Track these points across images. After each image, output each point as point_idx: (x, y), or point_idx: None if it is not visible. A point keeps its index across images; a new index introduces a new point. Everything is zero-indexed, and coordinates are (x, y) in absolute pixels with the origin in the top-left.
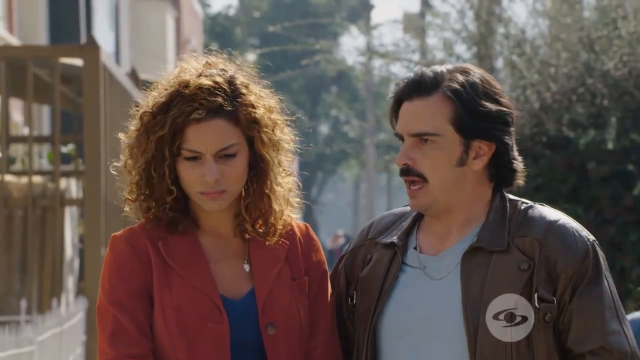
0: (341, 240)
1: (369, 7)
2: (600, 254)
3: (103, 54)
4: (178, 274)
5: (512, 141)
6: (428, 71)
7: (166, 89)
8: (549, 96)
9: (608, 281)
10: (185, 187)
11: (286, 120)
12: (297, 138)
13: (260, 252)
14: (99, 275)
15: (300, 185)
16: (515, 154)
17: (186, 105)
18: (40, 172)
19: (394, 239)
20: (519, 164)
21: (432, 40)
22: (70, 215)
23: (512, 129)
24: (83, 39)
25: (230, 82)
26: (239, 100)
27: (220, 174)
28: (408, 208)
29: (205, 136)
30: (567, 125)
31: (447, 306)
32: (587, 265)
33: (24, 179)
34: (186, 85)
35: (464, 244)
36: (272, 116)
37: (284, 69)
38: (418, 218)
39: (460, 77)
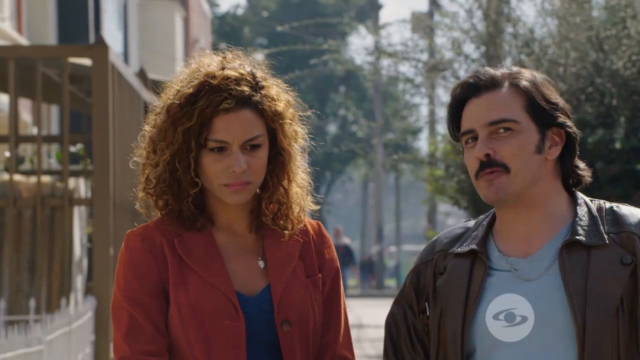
0: (344, 238)
1: (377, 7)
2: None
3: (112, 53)
4: (195, 272)
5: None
6: (487, 70)
7: (191, 82)
8: None
9: None
10: (207, 180)
11: (300, 116)
12: (308, 136)
13: (275, 249)
14: (107, 275)
15: (312, 182)
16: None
17: (215, 95)
18: (49, 172)
19: (472, 246)
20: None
21: (440, 39)
22: (79, 215)
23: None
24: (92, 38)
25: (252, 74)
26: (262, 92)
27: (247, 165)
28: (471, 223)
29: (234, 126)
30: (575, 124)
31: (549, 303)
32: None
33: (33, 179)
34: (212, 76)
35: (555, 243)
36: (291, 110)
37: (292, 69)
38: (490, 226)
39: (525, 73)
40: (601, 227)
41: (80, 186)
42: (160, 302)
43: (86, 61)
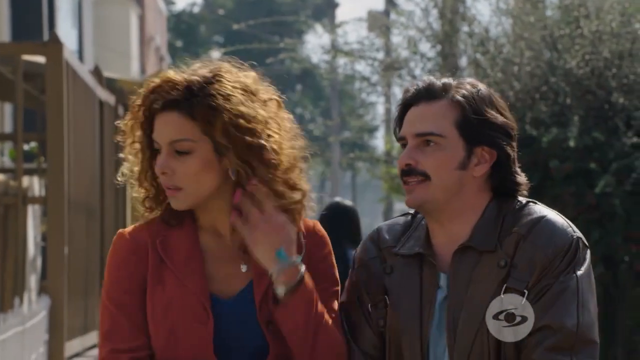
0: None
1: (333, 5)
2: (583, 251)
3: (66, 51)
4: (172, 272)
5: (513, 154)
6: (437, 80)
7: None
8: (512, 95)
9: (578, 278)
10: None
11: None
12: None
13: None
14: (61, 274)
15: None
16: (517, 168)
17: (152, 96)
18: (3, 170)
19: (418, 249)
20: (521, 177)
21: (396, 38)
22: (32, 214)
23: (513, 143)
24: (46, 36)
25: (206, 82)
26: (200, 98)
27: (171, 170)
28: (409, 218)
29: (160, 126)
30: (530, 123)
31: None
32: (561, 258)
33: None
34: (159, 78)
35: None
36: (241, 122)
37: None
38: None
39: (469, 87)
40: (497, 232)
41: (34, 184)
42: (143, 301)
43: (40, 59)
